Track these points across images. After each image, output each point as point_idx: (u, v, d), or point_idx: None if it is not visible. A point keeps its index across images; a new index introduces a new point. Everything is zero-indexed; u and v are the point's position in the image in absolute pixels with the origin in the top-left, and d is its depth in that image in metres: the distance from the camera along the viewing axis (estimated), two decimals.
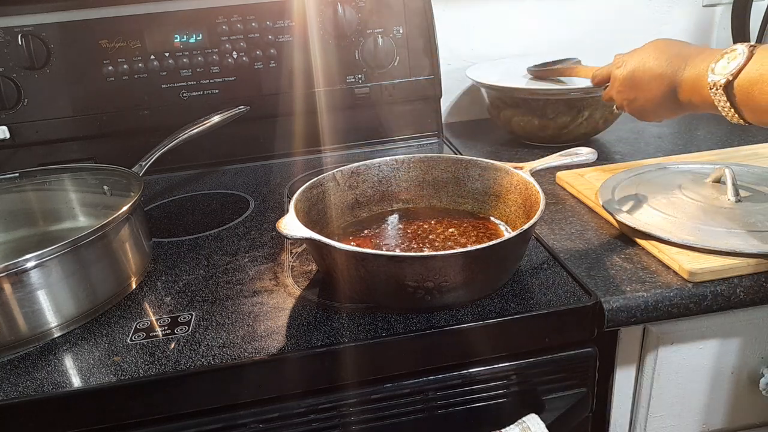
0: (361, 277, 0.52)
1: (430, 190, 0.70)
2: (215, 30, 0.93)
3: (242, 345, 0.51)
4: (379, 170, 0.69)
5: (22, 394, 0.47)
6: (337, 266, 0.54)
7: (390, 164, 0.69)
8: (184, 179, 0.95)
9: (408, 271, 0.50)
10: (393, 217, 0.69)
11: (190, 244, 0.71)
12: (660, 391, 0.62)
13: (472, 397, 0.54)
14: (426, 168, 0.69)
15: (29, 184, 0.75)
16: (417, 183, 0.70)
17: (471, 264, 0.51)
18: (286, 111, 0.97)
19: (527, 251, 0.63)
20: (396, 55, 0.98)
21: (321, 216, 0.65)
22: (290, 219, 0.53)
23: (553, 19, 1.15)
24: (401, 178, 0.69)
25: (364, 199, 0.69)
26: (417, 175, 0.69)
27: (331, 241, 0.51)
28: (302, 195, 0.61)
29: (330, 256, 0.53)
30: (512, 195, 0.63)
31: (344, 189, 0.67)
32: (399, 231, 0.66)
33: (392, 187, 0.70)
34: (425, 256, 0.51)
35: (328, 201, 0.65)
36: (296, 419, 0.51)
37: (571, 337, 0.55)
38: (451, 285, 0.51)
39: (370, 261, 0.51)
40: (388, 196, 0.70)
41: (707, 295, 0.55)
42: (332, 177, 0.66)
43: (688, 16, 1.20)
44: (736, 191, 0.66)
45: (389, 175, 0.69)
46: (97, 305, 0.57)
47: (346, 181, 0.67)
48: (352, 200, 0.68)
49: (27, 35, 0.88)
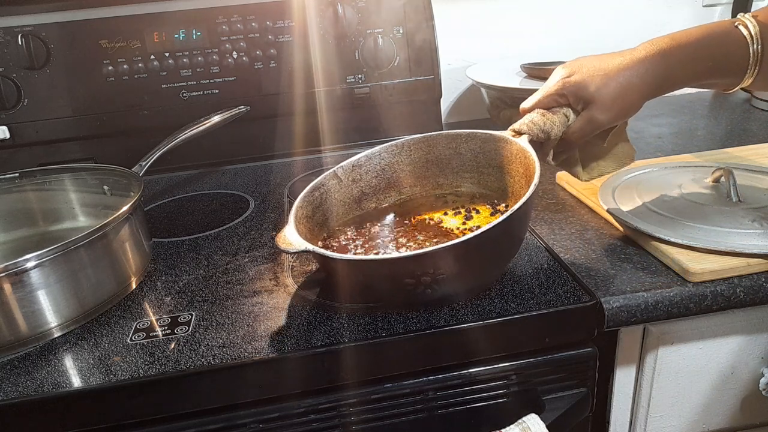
0: (360, 282, 0.53)
1: (434, 169, 0.68)
2: (215, 30, 0.93)
3: (242, 345, 0.51)
4: (380, 158, 0.67)
5: (22, 394, 0.47)
6: (338, 273, 0.54)
7: (390, 150, 0.68)
8: (184, 179, 0.95)
9: (403, 269, 0.50)
10: (397, 207, 0.68)
11: (190, 244, 0.71)
12: (660, 391, 0.62)
13: (472, 397, 0.54)
14: (427, 148, 0.67)
15: (29, 184, 0.74)
16: (421, 164, 0.68)
17: (468, 253, 0.50)
18: (286, 111, 0.97)
19: (528, 251, 0.63)
20: (396, 55, 0.98)
21: (327, 216, 0.64)
22: (290, 231, 0.53)
23: (553, 20, 1.15)
24: (404, 161, 0.68)
25: (370, 189, 0.68)
26: (420, 156, 0.68)
27: (327, 252, 0.51)
28: (303, 200, 0.60)
29: (329, 264, 0.54)
30: (514, 165, 0.61)
31: (348, 184, 0.66)
32: (401, 222, 0.65)
33: (396, 172, 0.68)
34: (419, 253, 0.50)
35: (333, 200, 0.65)
36: (296, 419, 0.51)
37: (571, 337, 0.55)
38: (450, 276, 0.51)
39: (366, 266, 0.51)
40: (394, 182, 0.68)
41: (707, 295, 0.55)
42: (333, 175, 0.65)
43: (688, 16, 1.20)
44: (736, 191, 0.66)
45: (391, 161, 0.68)
46: (97, 305, 0.57)
47: (348, 175, 0.66)
48: (357, 193, 0.67)
49: (27, 35, 0.88)
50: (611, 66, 0.57)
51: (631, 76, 0.57)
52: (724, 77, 0.58)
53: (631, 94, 0.57)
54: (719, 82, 0.59)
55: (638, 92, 0.57)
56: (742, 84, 0.58)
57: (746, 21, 0.56)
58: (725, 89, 0.60)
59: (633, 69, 0.57)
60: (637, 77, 0.57)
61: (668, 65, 0.57)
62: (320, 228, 0.62)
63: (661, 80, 0.57)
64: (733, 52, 0.56)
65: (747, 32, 0.55)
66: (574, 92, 0.58)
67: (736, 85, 0.59)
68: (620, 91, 0.57)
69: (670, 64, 0.57)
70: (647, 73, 0.57)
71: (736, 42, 0.56)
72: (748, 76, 0.57)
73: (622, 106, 0.58)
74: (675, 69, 0.57)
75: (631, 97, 0.57)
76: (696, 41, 0.57)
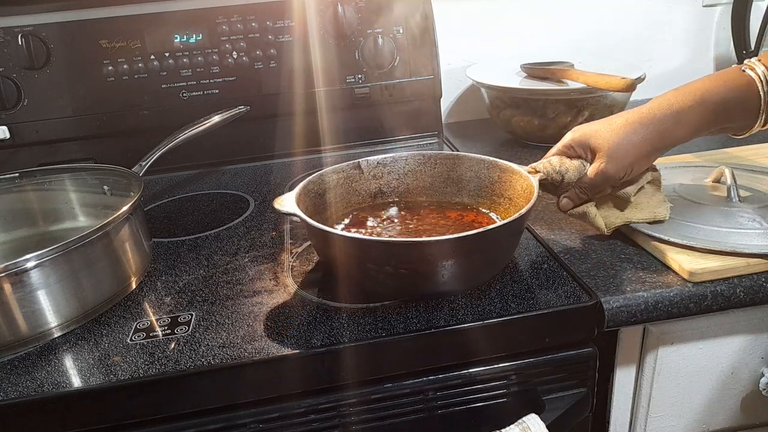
0: (330, 255, 0.56)
1: (453, 187, 0.70)
2: (215, 30, 0.93)
3: (242, 345, 0.51)
4: (405, 163, 0.71)
5: (22, 394, 0.47)
6: (318, 244, 0.60)
7: (417, 158, 0.71)
8: (184, 179, 0.95)
9: (366, 253, 0.54)
10: (397, 210, 0.70)
11: (190, 244, 0.71)
12: (660, 391, 0.62)
13: (472, 397, 0.54)
14: (451, 165, 0.70)
15: (29, 184, 0.74)
16: (442, 179, 0.71)
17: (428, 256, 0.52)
18: (286, 111, 0.97)
19: (528, 251, 0.63)
20: (396, 55, 0.98)
21: (338, 200, 0.67)
22: (289, 196, 0.58)
23: (553, 20, 1.15)
24: (427, 173, 0.71)
25: (388, 189, 0.71)
26: (442, 172, 0.70)
27: (306, 217, 0.54)
28: (318, 177, 0.65)
29: (312, 235, 0.58)
30: (521, 200, 0.63)
31: (368, 178, 0.70)
32: (402, 222, 0.67)
33: (417, 180, 0.71)
34: (380, 240, 0.56)
35: (348, 187, 0.68)
36: (296, 419, 0.51)
37: (571, 337, 0.55)
38: (413, 273, 0.53)
39: (335, 240, 0.55)
40: (412, 189, 0.71)
41: (707, 295, 0.55)
42: (356, 165, 0.69)
43: (688, 16, 1.20)
44: (736, 191, 0.66)
45: (415, 168, 0.71)
46: (97, 305, 0.57)
47: (371, 170, 0.70)
48: (375, 189, 0.70)
49: (27, 35, 0.88)
50: (618, 121, 0.60)
51: (636, 129, 0.59)
52: (737, 121, 0.59)
53: (636, 145, 0.59)
54: (732, 126, 0.60)
55: (645, 144, 0.59)
56: (755, 128, 0.59)
57: (753, 65, 0.57)
58: (738, 134, 0.62)
59: (639, 123, 0.59)
60: (642, 131, 0.58)
61: (676, 118, 0.58)
62: (325, 208, 0.65)
63: (669, 132, 0.59)
64: (742, 98, 0.57)
65: (755, 75, 0.57)
66: (581, 143, 0.61)
67: (750, 128, 0.60)
68: (624, 141, 0.59)
69: (679, 117, 0.58)
70: (654, 127, 0.58)
71: (747, 86, 0.57)
72: (761, 118, 0.58)
73: (627, 156, 0.59)
74: (683, 120, 0.58)
75: (637, 149, 0.59)
76: (704, 91, 0.58)
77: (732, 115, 0.59)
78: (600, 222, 0.63)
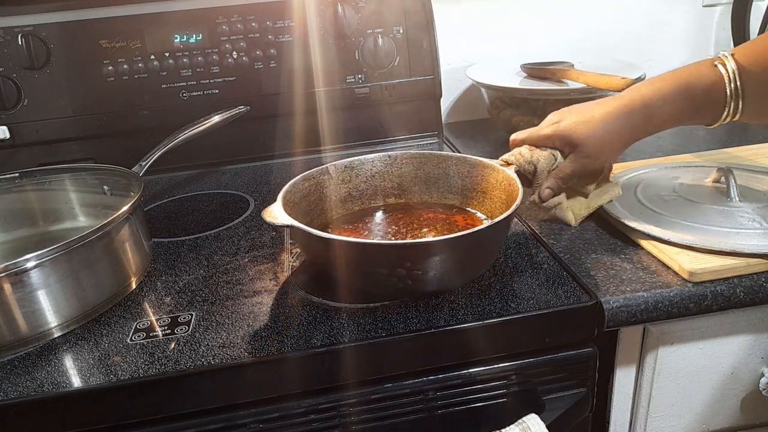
0: (330, 261, 0.55)
1: (421, 185, 0.71)
2: (215, 30, 0.93)
3: (242, 345, 0.51)
4: (372, 165, 0.70)
5: (22, 394, 0.47)
6: (316, 253, 0.57)
7: (383, 159, 0.70)
8: (184, 179, 0.95)
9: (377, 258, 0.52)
10: (380, 212, 0.70)
11: (190, 244, 0.71)
12: (660, 391, 0.62)
13: (472, 397, 0.54)
14: (418, 164, 0.70)
15: (29, 184, 0.74)
16: (410, 178, 0.71)
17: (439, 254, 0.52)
18: (286, 111, 0.97)
19: (528, 251, 0.63)
20: (396, 55, 0.98)
21: (311, 207, 0.66)
22: (276, 207, 0.56)
23: (553, 20, 1.15)
24: (394, 173, 0.71)
25: (357, 193, 0.70)
26: (409, 171, 0.71)
27: (309, 228, 0.52)
28: (293, 186, 0.63)
29: (311, 245, 0.56)
30: (497, 191, 0.64)
31: (338, 182, 0.69)
32: (384, 224, 0.67)
33: (385, 181, 0.71)
34: (399, 244, 0.56)
35: (320, 194, 0.67)
36: (296, 419, 0.51)
37: (571, 337, 0.55)
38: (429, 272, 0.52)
39: (345, 247, 0.53)
40: (381, 190, 0.71)
41: (707, 295, 0.55)
42: (325, 170, 0.68)
43: (688, 16, 1.20)
44: (736, 191, 0.66)
45: (382, 170, 0.71)
46: (97, 305, 0.57)
47: (340, 174, 0.69)
48: (345, 194, 0.70)
49: (27, 35, 0.88)
50: (596, 114, 0.63)
51: (613, 123, 0.62)
52: (704, 116, 0.61)
53: (613, 139, 0.63)
54: (700, 120, 0.62)
55: (620, 137, 0.63)
56: (721, 121, 0.60)
57: (725, 60, 0.58)
58: (707, 125, 0.63)
59: (615, 116, 0.62)
60: (618, 124, 0.62)
61: (649, 111, 0.61)
62: (304, 217, 0.64)
63: (642, 125, 0.62)
64: (711, 91, 0.58)
65: (725, 71, 0.58)
66: (562, 137, 0.64)
67: (717, 122, 0.61)
68: (604, 136, 0.62)
69: (651, 110, 0.61)
70: (628, 120, 0.61)
71: (714, 82, 0.58)
72: (727, 114, 0.59)
73: (605, 150, 0.63)
74: (656, 113, 0.61)
75: (614, 142, 0.63)
76: (675, 85, 0.60)
77: (701, 110, 0.60)
78: (570, 215, 0.67)
